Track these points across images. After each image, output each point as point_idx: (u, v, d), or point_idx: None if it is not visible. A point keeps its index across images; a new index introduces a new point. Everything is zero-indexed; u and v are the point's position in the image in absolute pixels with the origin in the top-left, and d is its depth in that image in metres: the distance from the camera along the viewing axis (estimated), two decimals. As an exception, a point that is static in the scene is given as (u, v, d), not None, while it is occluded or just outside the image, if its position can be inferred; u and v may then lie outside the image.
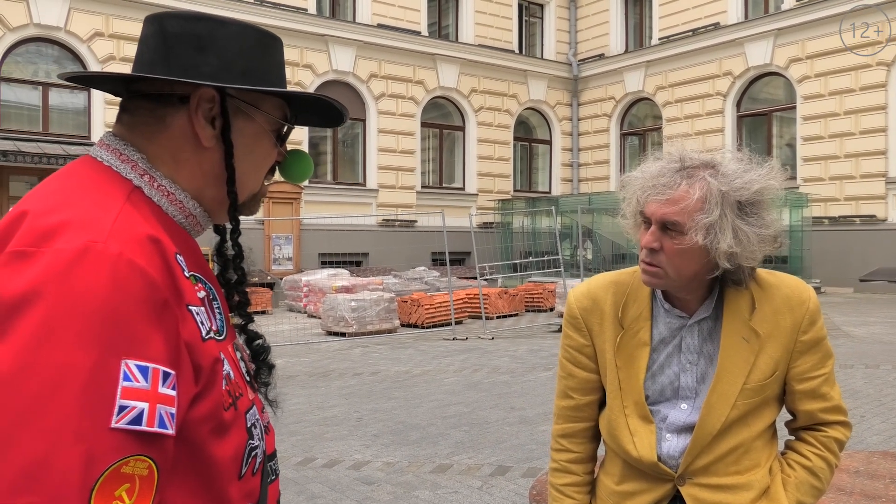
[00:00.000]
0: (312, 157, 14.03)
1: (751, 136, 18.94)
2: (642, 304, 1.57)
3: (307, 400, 7.00)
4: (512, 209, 19.92)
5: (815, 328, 1.53)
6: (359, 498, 4.38)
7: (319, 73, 17.69)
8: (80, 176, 0.97)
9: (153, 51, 1.01)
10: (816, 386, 1.53)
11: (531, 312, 14.44)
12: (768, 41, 17.82)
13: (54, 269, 0.81)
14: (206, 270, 1.05)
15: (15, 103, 14.71)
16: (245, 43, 1.03)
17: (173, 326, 0.88)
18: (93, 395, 0.79)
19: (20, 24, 14.40)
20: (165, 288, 0.88)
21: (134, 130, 1.03)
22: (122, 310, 0.82)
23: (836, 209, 16.91)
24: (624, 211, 1.52)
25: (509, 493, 4.44)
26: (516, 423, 6.03)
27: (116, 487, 0.79)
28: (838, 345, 9.30)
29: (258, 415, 1.06)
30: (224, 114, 1.02)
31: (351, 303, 11.67)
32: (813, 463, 1.54)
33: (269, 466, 1.08)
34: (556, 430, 1.70)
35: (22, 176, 14.57)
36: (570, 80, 22.36)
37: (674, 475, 1.53)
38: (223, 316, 1.04)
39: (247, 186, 1.08)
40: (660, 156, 1.50)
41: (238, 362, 1.04)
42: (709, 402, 1.50)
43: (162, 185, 1.00)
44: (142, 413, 0.81)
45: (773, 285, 1.54)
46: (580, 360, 1.64)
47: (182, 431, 0.89)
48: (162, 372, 0.84)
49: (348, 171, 18.88)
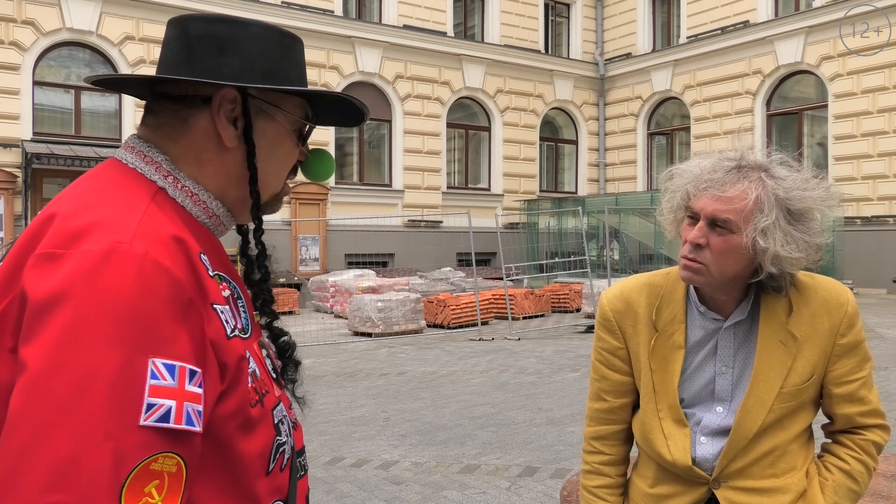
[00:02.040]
0: (338, 158, 14.06)
1: (781, 135, 18.70)
2: (677, 307, 1.55)
3: (335, 400, 7.04)
4: (538, 209, 19.86)
5: (854, 331, 1.50)
6: (387, 497, 4.40)
7: (346, 75, 17.77)
8: (105, 178, 0.99)
9: (176, 53, 1.02)
10: (854, 389, 1.51)
11: (557, 313, 14.38)
12: (799, 39, 17.58)
13: (82, 270, 0.83)
14: (231, 269, 1.06)
15: (48, 107, 14.97)
16: (266, 44, 1.04)
17: (198, 325, 0.89)
18: (121, 393, 0.80)
19: (53, 28, 14.65)
20: (190, 287, 0.89)
21: (158, 132, 1.04)
22: (148, 309, 0.83)
23: (869, 209, 16.63)
24: (663, 204, 1.49)
25: (538, 493, 4.42)
26: (544, 424, 6.01)
27: (146, 484, 0.80)
28: (872, 347, 9.11)
29: (285, 411, 1.07)
30: (246, 114, 1.03)
31: (377, 303, 11.71)
32: (851, 466, 1.51)
33: (297, 462, 1.09)
34: (589, 432, 1.69)
35: (55, 178, 14.83)
36: (597, 79, 22.24)
37: (708, 478, 1.51)
38: (248, 314, 1.05)
39: (269, 186, 1.09)
40: (714, 152, 1.48)
41: (264, 360, 1.05)
42: (745, 406, 1.48)
43: (185, 186, 1.02)
44: (169, 411, 0.82)
45: (811, 287, 1.51)
46: (613, 363, 1.62)
47: (209, 428, 0.90)
48: (188, 370, 0.85)
49: (374, 172, 18.95)
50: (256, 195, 1.06)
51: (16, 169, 14.15)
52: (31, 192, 14.20)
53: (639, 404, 1.63)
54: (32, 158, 13.50)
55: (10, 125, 14.23)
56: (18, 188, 14.09)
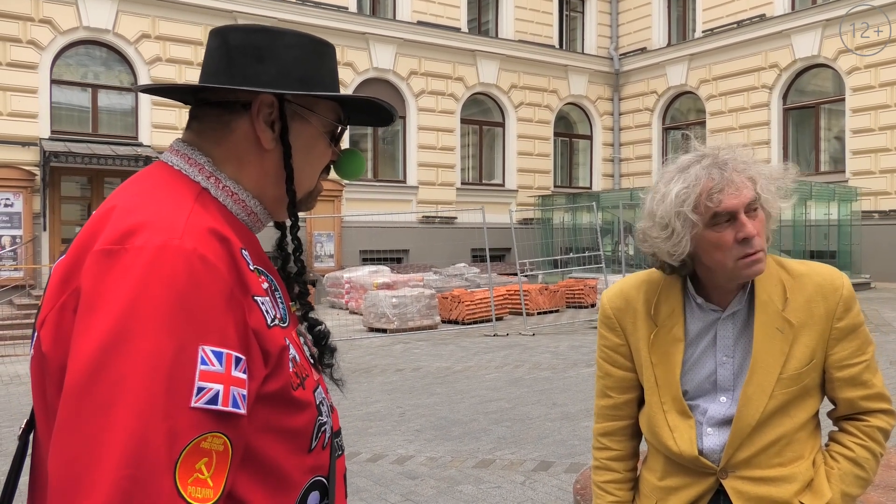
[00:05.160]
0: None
1: (797, 130, 18.56)
2: (674, 301, 1.58)
3: (350, 395, 7.08)
4: (552, 205, 19.81)
5: (851, 315, 1.53)
6: (403, 492, 4.43)
7: (360, 71, 17.81)
8: (154, 179, 1.07)
9: (217, 62, 1.10)
10: (857, 373, 1.53)
11: (572, 309, 14.37)
12: (816, 32, 17.43)
13: (137, 265, 0.90)
14: (268, 264, 1.13)
15: (66, 105, 15.10)
16: (301, 51, 1.12)
17: (241, 315, 0.96)
18: (175, 377, 0.88)
19: (70, 27, 14.77)
20: (233, 280, 0.96)
21: (202, 136, 1.12)
22: (197, 301, 0.91)
23: (886, 203, 16.48)
24: (669, 231, 1.48)
25: (552, 487, 4.44)
26: (558, 419, 6.02)
27: (197, 461, 0.88)
28: (889, 341, 9.08)
29: (324, 394, 1.15)
30: (283, 118, 1.11)
31: (392, 299, 11.74)
32: (857, 454, 1.53)
33: (336, 442, 1.17)
34: (597, 428, 1.73)
35: (73, 176, 14.97)
36: (612, 74, 22.15)
37: (716, 469, 1.53)
38: (285, 305, 1.12)
39: (304, 184, 1.17)
40: (676, 163, 1.52)
41: (302, 346, 1.13)
42: (745, 394, 1.50)
43: (227, 186, 1.09)
44: (217, 394, 0.90)
45: (805, 274, 1.55)
46: (616, 360, 1.66)
47: (254, 409, 0.97)
48: (234, 357, 0.93)
49: (389, 169, 18.99)
50: (293, 193, 1.13)
51: (34, 167, 14.29)
52: (49, 191, 14.34)
53: (644, 399, 1.65)
54: (50, 157, 13.62)
55: (28, 124, 14.36)
56: (37, 186, 14.23)
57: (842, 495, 1.51)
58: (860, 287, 15.49)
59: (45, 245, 14.38)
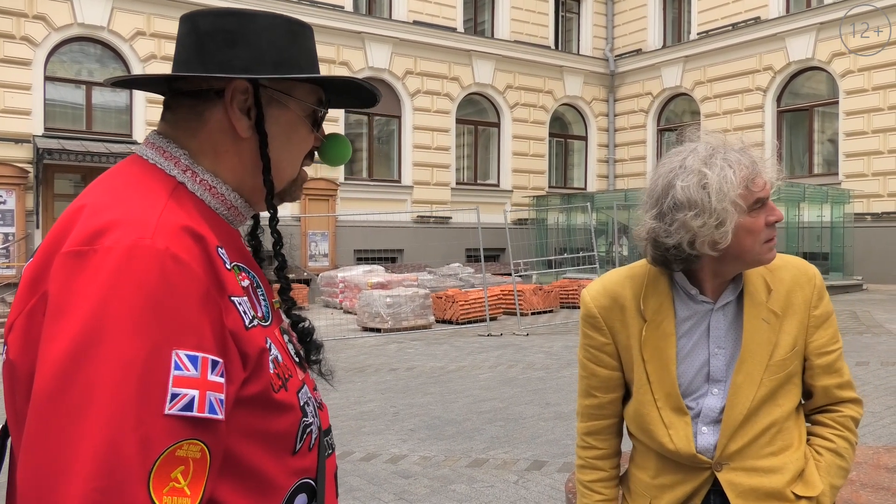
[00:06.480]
0: (349, 153, 14.10)
1: (791, 132, 18.63)
2: (662, 295, 1.57)
3: (344, 395, 7.08)
4: (547, 205, 19.83)
5: (824, 303, 1.59)
6: (396, 491, 4.43)
7: (355, 71, 17.79)
8: (127, 174, 1.02)
9: (188, 49, 1.05)
10: (833, 360, 1.58)
11: (566, 309, 14.38)
12: (810, 35, 17.49)
13: (106, 266, 0.86)
14: (249, 259, 1.09)
15: (59, 102, 15.04)
16: (275, 34, 1.06)
17: (218, 316, 0.92)
18: (147, 384, 0.83)
19: (64, 23, 14.72)
20: (209, 280, 0.92)
21: (177, 127, 1.07)
22: (170, 302, 0.86)
23: (879, 205, 16.55)
24: (718, 220, 1.43)
25: (545, 487, 4.45)
26: (551, 419, 6.03)
27: (172, 469, 0.84)
28: (881, 342, 9.11)
29: (310, 393, 1.11)
30: (258, 104, 1.06)
31: (386, 299, 11.74)
32: (836, 444, 1.58)
33: (325, 441, 1.13)
34: (581, 428, 1.73)
35: (66, 174, 14.91)
36: (607, 75, 22.19)
37: (710, 463, 1.54)
38: (268, 302, 1.07)
39: (285, 173, 1.11)
40: (697, 153, 1.50)
41: (286, 345, 1.08)
42: (735, 383, 1.52)
43: (204, 180, 1.04)
44: (193, 400, 0.86)
45: (782, 266, 1.59)
46: (602, 359, 1.65)
47: (234, 413, 0.93)
48: (210, 360, 0.89)
49: (384, 168, 18.98)
50: (270, 184, 1.08)
51: (27, 164, 14.24)
52: (42, 188, 14.29)
53: (627, 397, 1.65)
54: (44, 154, 13.57)
55: (21, 120, 14.32)
56: (30, 184, 14.19)
57: (830, 488, 1.55)
58: (852, 289, 15.55)
59: (37, 243, 14.20)
